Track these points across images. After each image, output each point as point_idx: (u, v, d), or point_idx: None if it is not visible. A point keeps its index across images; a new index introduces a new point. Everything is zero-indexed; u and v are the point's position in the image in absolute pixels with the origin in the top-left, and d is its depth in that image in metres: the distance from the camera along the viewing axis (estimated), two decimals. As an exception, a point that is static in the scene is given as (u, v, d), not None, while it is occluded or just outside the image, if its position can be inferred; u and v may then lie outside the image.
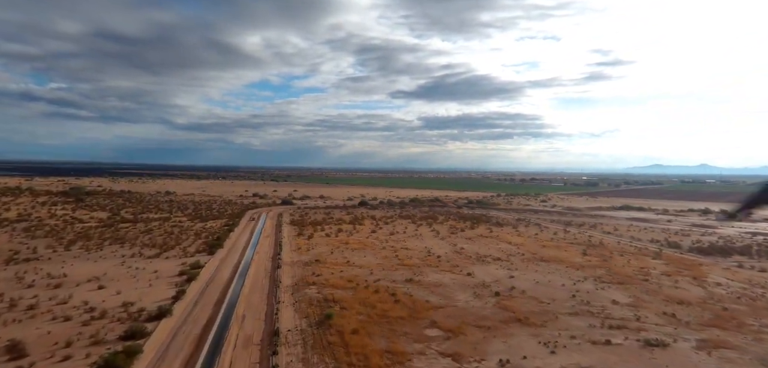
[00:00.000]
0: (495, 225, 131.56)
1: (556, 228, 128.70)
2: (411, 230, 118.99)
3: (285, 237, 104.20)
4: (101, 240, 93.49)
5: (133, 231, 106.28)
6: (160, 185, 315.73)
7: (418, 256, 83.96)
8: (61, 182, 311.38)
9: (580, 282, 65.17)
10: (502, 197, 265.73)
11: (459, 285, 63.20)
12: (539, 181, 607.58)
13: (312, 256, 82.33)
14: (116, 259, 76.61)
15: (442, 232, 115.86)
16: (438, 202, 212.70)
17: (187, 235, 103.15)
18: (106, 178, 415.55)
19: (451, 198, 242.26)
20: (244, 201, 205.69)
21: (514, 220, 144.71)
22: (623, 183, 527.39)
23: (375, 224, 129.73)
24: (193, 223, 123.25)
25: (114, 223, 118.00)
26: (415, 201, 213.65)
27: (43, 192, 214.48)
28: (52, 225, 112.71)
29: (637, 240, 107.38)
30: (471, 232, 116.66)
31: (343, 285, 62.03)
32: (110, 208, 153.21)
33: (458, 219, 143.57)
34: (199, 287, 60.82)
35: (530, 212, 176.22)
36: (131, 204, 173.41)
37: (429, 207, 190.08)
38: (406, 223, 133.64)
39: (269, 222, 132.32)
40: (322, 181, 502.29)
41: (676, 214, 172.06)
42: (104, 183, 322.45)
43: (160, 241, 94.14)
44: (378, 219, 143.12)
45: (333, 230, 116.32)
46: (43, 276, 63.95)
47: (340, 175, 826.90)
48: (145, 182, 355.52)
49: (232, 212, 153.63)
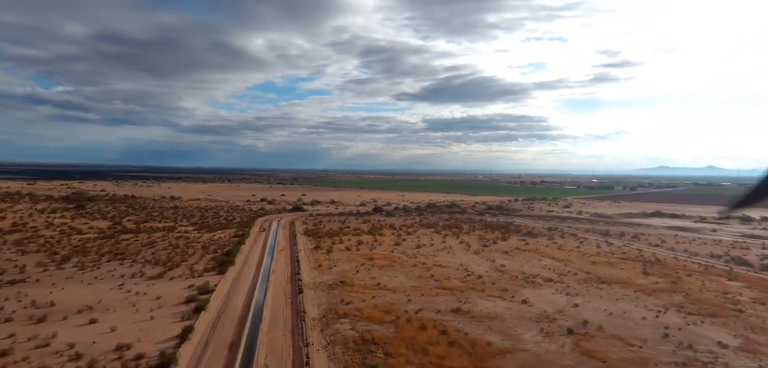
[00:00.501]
0: (527, 235, 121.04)
1: (595, 239, 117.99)
2: (438, 242, 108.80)
3: (301, 251, 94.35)
4: (99, 256, 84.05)
5: (134, 244, 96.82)
6: (165, 189, 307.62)
7: (456, 276, 73.79)
8: (64, 186, 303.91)
9: (661, 314, 54.70)
10: (519, 202, 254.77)
11: (518, 318, 52.95)
12: (550, 183, 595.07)
13: (335, 276, 72.37)
14: (114, 281, 66.98)
15: (473, 244, 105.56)
16: (456, 208, 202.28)
17: (194, 249, 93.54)
18: (110, 181, 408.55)
19: (467, 204, 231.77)
20: (252, 207, 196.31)
21: (545, 230, 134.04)
22: (638, 186, 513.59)
23: (396, 234, 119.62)
24: (200, 234, 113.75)
25: (115, 234, 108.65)
26: (431, 206, 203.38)
27: (44, 197, 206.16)
28: (47, 236, 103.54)
29: (693, 254, 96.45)
30: (504, 244, 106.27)
31: (381, 318, 51.96)
32: (112, 216, 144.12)
33: (485, 229, 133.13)
34: (209, 320, 51.00)
35: (557, 219, 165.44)
36: (134, 211, 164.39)
37: (448, 213, 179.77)
38: (430, 233, 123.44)
39: (282, 233, 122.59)
40: (330, 184, 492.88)
41: (717, 222, 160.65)
42: (108, 187, 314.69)
43: (164, 257, 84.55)
44: (398, 228, 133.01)
45: (352, 242, 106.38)
46: (27, 305, 54.39)
47: (346, 177, 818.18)
48: (150, 186, 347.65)
49: (241, 220, 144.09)
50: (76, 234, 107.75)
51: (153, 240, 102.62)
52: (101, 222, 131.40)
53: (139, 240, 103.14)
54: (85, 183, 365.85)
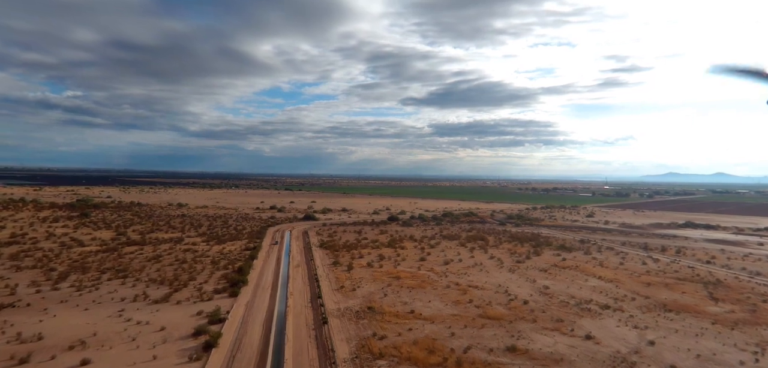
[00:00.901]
0: (561, 249, 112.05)
1: (636, 254, 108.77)
2: (465, 257, 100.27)
3: (319, 268, 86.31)
4: (99, 273, 76.61)
5: (139, 259, 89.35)
6: (172, 195, 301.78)
7: (498, 300, 65.25)
8: (70, 192, 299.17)
9: (760, 357, 45.82)
10: (538, 210, 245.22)
11: (589, 361, 44.29)
12: (562, 190, 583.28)
13: (362, 300, 64.17)
14: (113, 305, 59.31)
15: (505, 260, 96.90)
16: (474, 217, 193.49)
17: (203, 264, 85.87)
18: (117, 187, 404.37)
19: (484, 212, 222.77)
20: (261, 215, 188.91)
21: (577, 243, 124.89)
22: (654, 193, 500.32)
23: (419, 248, 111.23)
24: (209, 246, 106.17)
25: (118, 247, 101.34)
26: (448, 215, 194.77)
27: (48, 204, 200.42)
28: (46, 249, 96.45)
29: (755, 274, 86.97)
30: (539, 260, 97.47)
31: (425, 360, 43.51)
32: (116, 226, 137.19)
33: (512, 241, 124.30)
34: (220, 361, 43.03)
35: (586, 231, 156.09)
36: (140, 219, 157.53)
37: (468, 223, 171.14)
38: (455, 246, 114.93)
39: (295, 245, 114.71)
40: (339, 190, 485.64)
41: (757, 233, 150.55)
42: (114, 193, 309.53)
43: (170, 274, 76.89)
44: (419, 240, 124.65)
45: (373, 256, 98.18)
46: (10, 339, 46.78)
47: (354, 182, 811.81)
48: (157, 192, 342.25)
49: (252, 230, 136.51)
50: (77, 247, 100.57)
51: (158, 253, 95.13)
52: (105, 232, 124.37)
53: (144, 253, 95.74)
54: (92, 189, 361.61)
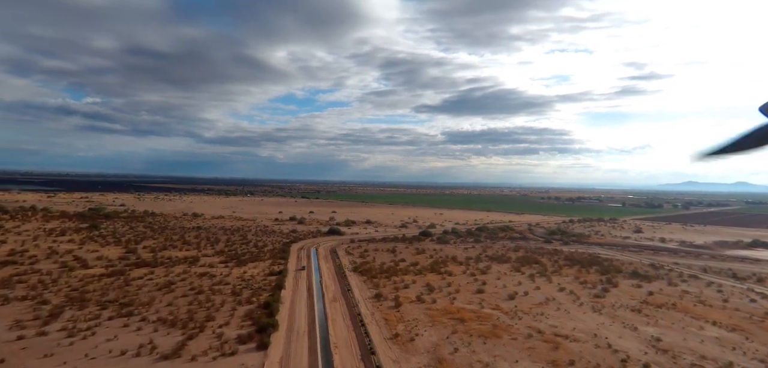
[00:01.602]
0: (636, 277, 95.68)
1: (731, 285, 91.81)
2: (529, 287, 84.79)
3: (360, 303, 71.93)
4: (100, 308, 63.49)
5: (148, 287, 76.17)
6: (187, 203, 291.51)
7: (603, 360, 49.92)
8: (83, 199, 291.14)
9: None
10: (576, 223, 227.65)
11: None
12: (588, 199, 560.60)
13: (427, 357, 49.49)
14: (110, 363, 45.76)
15: (578, 293, 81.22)
16: (513, 232, 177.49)
17: (222, 295, 72.24)
18: (132, 194, 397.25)
19: (520, 225, 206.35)
20: (281, 228, 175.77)
21: (651, 269, 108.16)
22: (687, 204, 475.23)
23: (469, 274, 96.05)
24: (228, 269, 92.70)
25: (126, 270, 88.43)
26: (483, 229, 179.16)
27: (58, 213, 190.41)
28: (43, 272, 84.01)
29: None
30: (620, 294, 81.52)
31: None
32: (126, 240, 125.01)
33: (572, 265, 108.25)
34: None
35: (647, 251, 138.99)
36: (152, 232, 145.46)
37: (509, 239, 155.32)
38: (509, 271, 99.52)
39: (325, 267, 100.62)
40: (357, 198, 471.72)
41: None
42: (128, 200, 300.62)
43: (183, 311, 63.34)
44: (463, 262, 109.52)
45: (419, 285, 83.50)
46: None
47: (370, 190, 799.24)
48: (171, 200, 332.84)
49: (274, 248, 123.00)
50: (80, 269, 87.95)
51: (171, 279, 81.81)
52: (113, 249, 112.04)
53: (155, 277, 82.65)
54: (106, 196, 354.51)
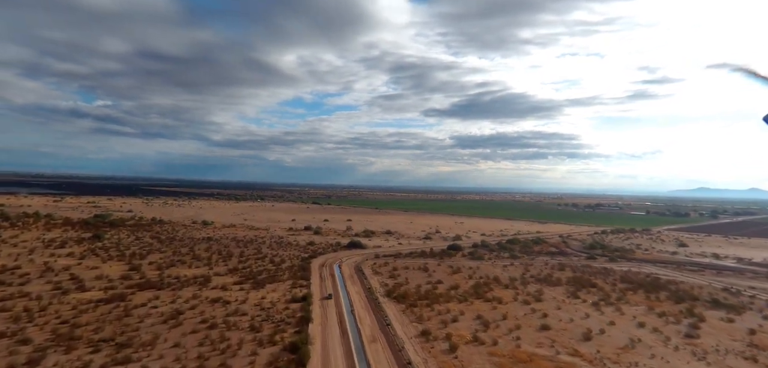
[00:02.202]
0: (720, 307, 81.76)
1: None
2: (601, 322, 71.37)
3: (406, 343, 59.28)
4: (92, 349, 51.75)
5: (151, 317, 64.28)
6: (197, 210, 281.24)
7: None
8: (90, 204, 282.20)
9: None
10: (609, 234, 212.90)
11: None
12: (607, 206, 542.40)
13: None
14: None
15: (661, 329, 67.65)
16: (547, 245, 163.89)
17: (239, 331, 60.10)
18: (140, 198, 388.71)
19: (550, 236, 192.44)
20: (297, 239, 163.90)
21: (729, 295, 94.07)
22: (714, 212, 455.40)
23: (522, 301, 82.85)
24: (244, 293, 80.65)
25: (127, 294, 76.70)
26: (514, 242, 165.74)
27: (61, 221, 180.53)
28: (34, 295, 72.69)
29: None
30: (714, 331, 67.83)
31: None
32: (131, 254, 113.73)
33: (634, 289, 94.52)
34: None
35: (710, 270, 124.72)
36: (160, 244, 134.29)
37: (547, 254, 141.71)
38: (566, 297, 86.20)
39: (353, 290, 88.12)
40: (369, 204, 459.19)
41: None
42: (136, 205, 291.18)
43: (192, 356, 51.26)
44: (508, 284, 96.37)
45: (469, 318, 70.67)
46: None
47: (380, 195, 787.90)
48: (181, 205, 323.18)
49: (292, 265, 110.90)
50: (75, 293, 76.45)
51: (178, 308, 69.87)
52: (115, 265, 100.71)
53: (160, 303, 70.90)
54: (114, 200, 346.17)
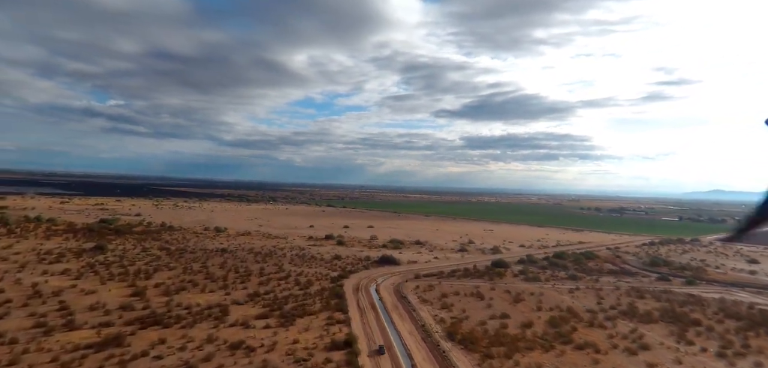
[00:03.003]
0: None
1: None
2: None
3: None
4: None
5: (153, 379, 47.96)
6: (208, 213, 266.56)
7: None
8: (97, 206, 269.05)
9: None
10: (660, 246, 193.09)
11: None
12: (631, 210, 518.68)
13: None
14: None
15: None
16: (599, 260, 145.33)
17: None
18: (150, 200, 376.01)
19: (596, 248, 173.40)
20: (319, 249, 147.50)
21: None
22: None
23: (623, 350, 65.08)
24: (272, 334, 64.01)
25: (124, 336, 60.48)
26: (561, 256, 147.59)
27: (63, 227, 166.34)
28: (8, 338, 56.93)
29: None
30: None
31: None
32: (135, 272, 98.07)
33: (749, 328, 76.11)
34: None
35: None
36: (169, 256, 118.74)
37: (609, 273, 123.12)
38: (668, 338, 68.26)
39: (407, 333, 70.94)
40: (386, 207, 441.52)
41: None
42: (146, 208, 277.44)
43: None
44: (591, 321, 78.50)
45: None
46: None
47: (392, 196, 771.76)
48: (192, 207, 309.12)
49: (322, 288, 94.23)
50: (60, 332, 60.52)
51: (189, 359, 53.48)
52: (116, 287, 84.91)
53: (165, 353, 54.64)
54: (123, 201, 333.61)
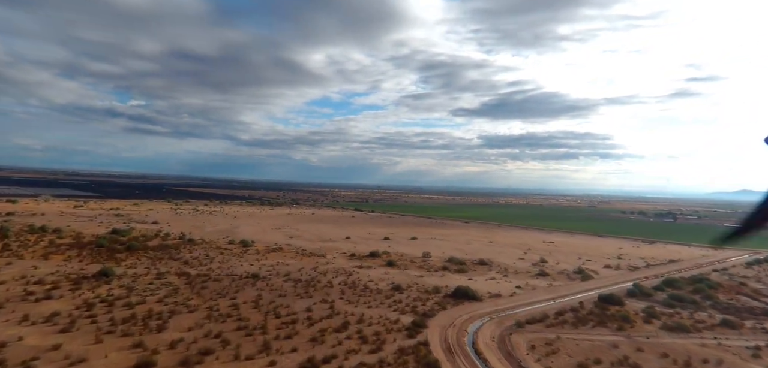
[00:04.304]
0: None
1: None
2: None
3: None
4: None
5: None
6: (231, 219, 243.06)
7: None
8: (111, 212, 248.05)
9: None
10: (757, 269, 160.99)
11: None
12: (680, 215, 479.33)
13: None
14: None
15: None
16: (722, 289, 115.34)
17: None
18: (170, 203, 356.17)
19: (687, 264, 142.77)
20: (370, 274, 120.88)
21: None
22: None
23: None
24: None
25: None
26: (670, 283, 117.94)
27: (70, 239, 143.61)
28: None
29: None
30: None
31: None
32: (144, 318, 72.85)
33: None
34: None
35: None
36: (189, 287, 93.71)
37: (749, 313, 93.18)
38: None
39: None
40: (412, 210, 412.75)
41: None
42: (164, 213, 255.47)
43: None
44: None
45: None
46: None
47: (415, 197, 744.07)
48: (213, 212, 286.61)
49: (399, 345, 67.27)
50: None
51: None
52: (115, 350, 59.68)
53: None
54: (141, 205, 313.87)
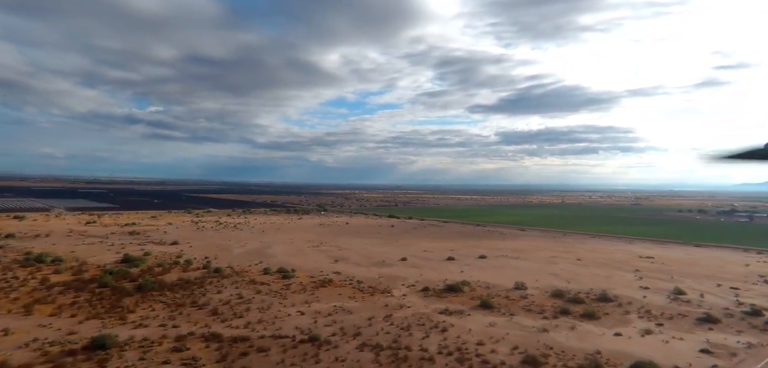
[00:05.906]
0: None
1: None
2: None
3: None
4: None
5: None
6: (258, 233, 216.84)
7: None
8: (126, 229, 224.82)
9: None
10: None
11: None
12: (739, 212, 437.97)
13: None
14: None
15: None
16: None
17: None
18: (189, 213, 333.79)
19: None
20: (466, 325, 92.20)
21: None
22: None
23: None
24: None
25: None
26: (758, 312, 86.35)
27: (69, 274, 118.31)
28: None
29: None
30: None
31: None
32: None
33: None
34: None
35: None
36: (221, 360, 66.71)
37: None
38: None
39: None
40: (453, 215, 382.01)
41: None
42: (184, 227, 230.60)
43: None
44: None
45: None
46: None
47: (441, 198, 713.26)
48: (238, 226, 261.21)
49: None
50: None
51: None
52: None
53: None
54: (159, 217, 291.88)
